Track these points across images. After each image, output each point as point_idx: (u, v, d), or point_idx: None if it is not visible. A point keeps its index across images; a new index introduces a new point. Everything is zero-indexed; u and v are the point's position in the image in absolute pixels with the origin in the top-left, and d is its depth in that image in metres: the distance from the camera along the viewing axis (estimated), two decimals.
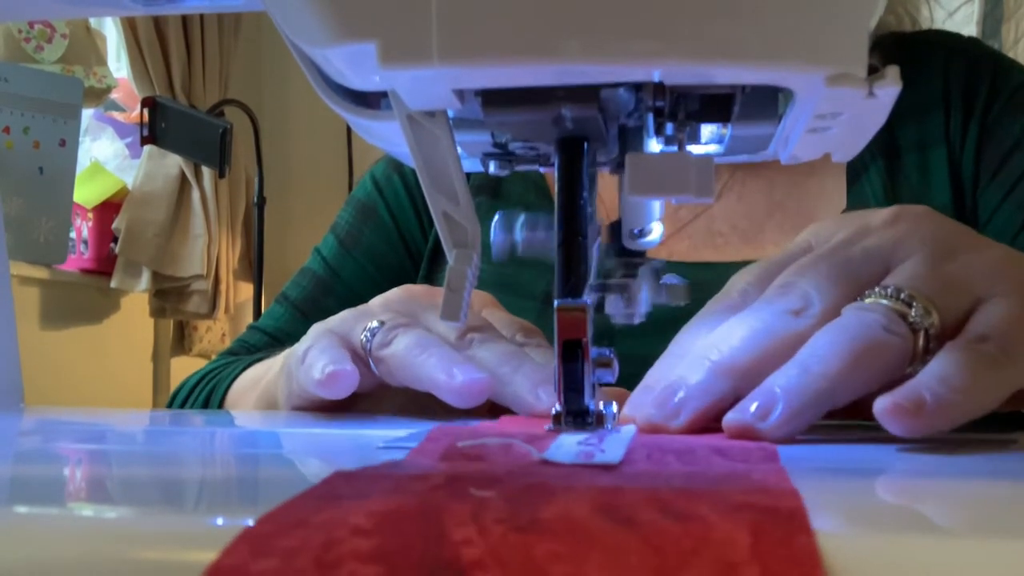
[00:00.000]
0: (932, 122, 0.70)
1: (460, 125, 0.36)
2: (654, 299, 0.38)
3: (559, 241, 0.35)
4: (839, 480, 0.28)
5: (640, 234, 0.38)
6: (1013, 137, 0.69)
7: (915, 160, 0.70)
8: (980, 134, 0.70)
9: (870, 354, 0.36)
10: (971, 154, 0.70)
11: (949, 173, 0.69)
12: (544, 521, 0.19)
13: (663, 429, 0.37)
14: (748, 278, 0.43)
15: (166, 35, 2.43)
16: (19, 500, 0.23)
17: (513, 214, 0.37)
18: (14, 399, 0.54)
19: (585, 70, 0.30)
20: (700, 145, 0.38)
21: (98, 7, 0.50)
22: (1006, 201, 0.68)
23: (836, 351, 0.36)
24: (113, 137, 2.56)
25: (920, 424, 0.33)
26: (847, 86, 0.29)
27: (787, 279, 0.41)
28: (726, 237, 0.72)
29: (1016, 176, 0.68)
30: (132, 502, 0.24)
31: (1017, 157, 0.69)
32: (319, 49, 0.30)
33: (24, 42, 2.14)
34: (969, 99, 0.71)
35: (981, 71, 0.71)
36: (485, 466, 0.27)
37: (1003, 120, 0.70)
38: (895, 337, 0.36)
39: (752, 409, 0.35)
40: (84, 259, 2.37)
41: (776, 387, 0.35)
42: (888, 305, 0.37)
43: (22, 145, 2.06)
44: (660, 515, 0.19)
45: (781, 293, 0.40)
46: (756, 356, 0.37)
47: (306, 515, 0.19)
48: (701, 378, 0.37)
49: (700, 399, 0.37)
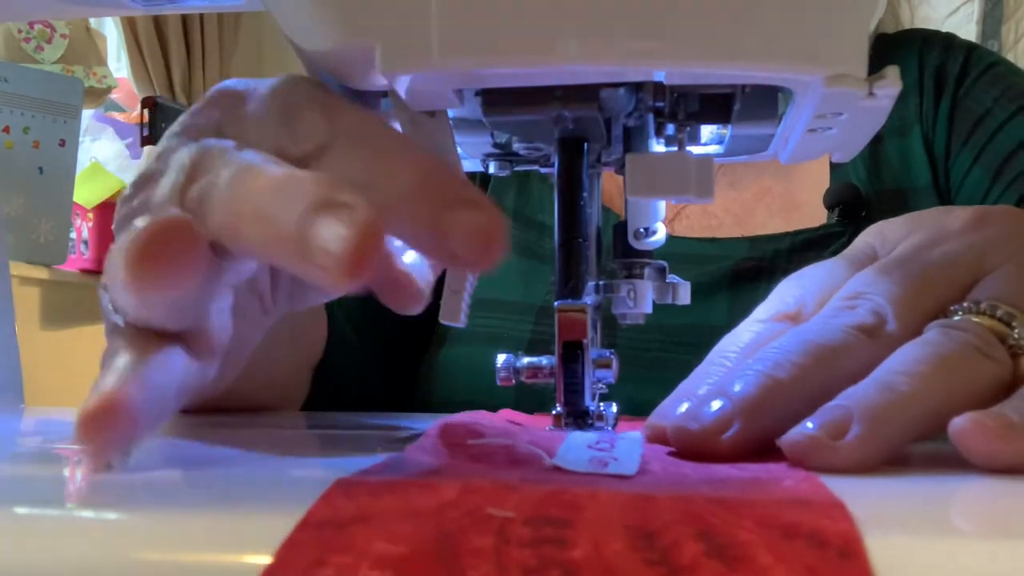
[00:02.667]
0: (908, 108, 0.72)
1: (460, 125, 0.36)
2: (660, 299, 0.38)
3: (559, 242, 0.35)
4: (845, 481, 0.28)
5: (645, 233, 0.38)
6: (984, 105, 0.70)
7: (896, 145, 0.72)
8: (951, 109, 0.71)
9: (963, 380, 0.30)
10: (943, 129, 0.71)
11: (926, 153, 0.71)
12: (574, 564, 0.17)
13: (699, 445, 0.30)
14: (805, 283, 0.37)
15: (166, 35, 2.43)
16: (19, 500, 0.23)
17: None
18: (14, 399, 0.54)
19: (585, 70, 0.30)
20: (700, 145, 0.38)
21: (98, 7, 0.50)
22: (975, 164, 0.69)
23: (923, 371, 0.29)
24: (113, 137, 2.56)
25: (1006, 449, 0.27)
26: (847, 86, 0.29)
27: (855, 289, 0.34)
28: (720, 219, 0.74)
29: (986, 138, 0.69)
30: (132, 502, 0.24)
31: (987, 122, 0.69)
32: (319, 49, 0.30)
33: (24, 42, 2.14)
34: (940, 80, 0.72)
35: (954, 55, 0.73)
36: (496, 472, 0.25)
37: (974, 92, 0.71)
38: (991, 362, 0.30)
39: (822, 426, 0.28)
40: (84, 259, 2.37)
41: (851, 405, 0.29)
42: (982, 323, 0.31)
43: (22, 145, 2.06)
44: (703, 549, 0.17)
45: (848, 306, 0.33)
46: (822, 379, 0.31)
47: (320, 553, 0.18)
48: (754, 393, 0.31)
49: (752, 419, 0.30)
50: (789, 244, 0.69)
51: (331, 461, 0.32)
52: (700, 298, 0.67)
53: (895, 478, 0.28)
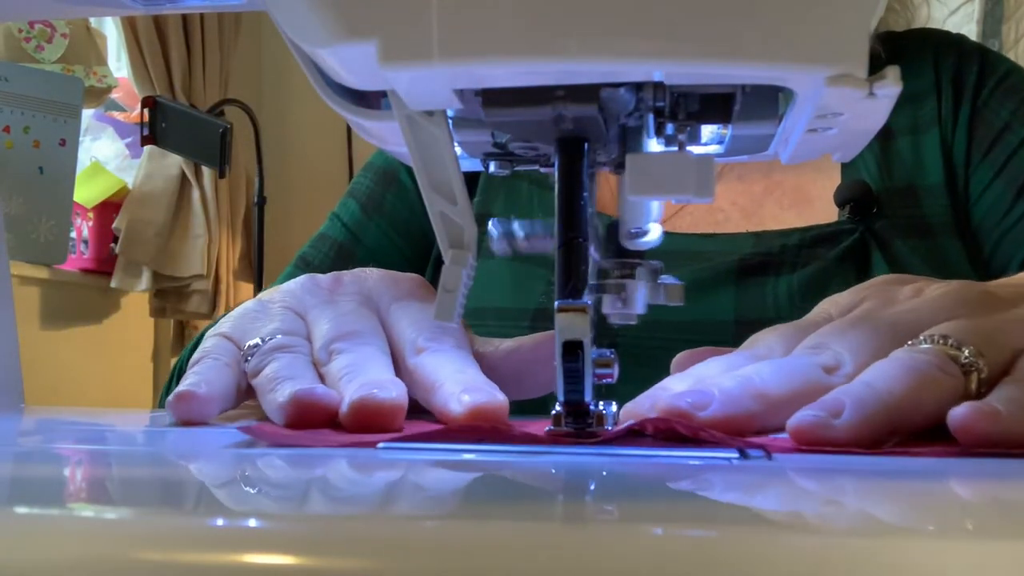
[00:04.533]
0: (925, 108, 0.73)
1: (460, 125, 0.36)
2: (652, 299, 0.38)
3: (559, 241, 0.35)
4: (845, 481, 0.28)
5: (638, 234, 0.38)
6: (1003, 119, 0.72)
7: (908, 143, 0.72)
8: (971, 116, 0.72)
9: (927, 386, 0.36)
10: (963, 136, 0.72)
11: (942, 155, 0.72)
12: None
13: (687, 416, 0.36)
14: (773, 336, 0.43)
15: (166, 35, 2.43)
16: (19, 500, 0.23)
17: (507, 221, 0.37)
18: (14, 399, 0.54)
19: (585, 70, 0.30)
20: (700, 145, 0.38)
21: (98, 7, 0.50)
22: (997, 179, 0.70)
23: (895, 375, 0.36)
24: (113, 137, 2.56)
25: (996, 430, 0.33)
26: (847, 86, 0.29)
27: (817, 340, 0.40)
28: (727, 213, 0.74)
29: (1006, 155, 0.71)
30: (132, 502, 0.24)
31: (1007, 137, 0.71)
32: (319, 49, 0.30)
33: (24, 42, 2.14)
34: (959, 86, 0.73)
35: (970, 61, 0.74)
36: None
37: (992, 104, 0.72)
38: (948, 376, 0.36)
39: (823, 409, 0.34)
40: (84, 259, 2.37)
41: (842, 396, 0.35)
42: (938, 347, 0.37)
43: (22, 145, 2.06)
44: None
45: (812, 352, 0.40)
46: (789, 392, 0.37)
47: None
48: (734, 387, 0.37)
49: (729, 406, 0.37)
50: (798, 240, 0.69)
51: (331, 460, 0.32)
52: (704, 293, 0.67)
53: (895, 478, 0.28)
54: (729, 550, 0.18)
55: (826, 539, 0.19)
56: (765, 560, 0.18)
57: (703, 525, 0.20)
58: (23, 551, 0.19)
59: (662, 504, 0.23)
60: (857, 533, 0.20)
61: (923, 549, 0.18)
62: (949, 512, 0.24)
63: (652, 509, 0.22)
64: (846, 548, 0.18)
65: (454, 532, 0.19)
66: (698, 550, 0.18)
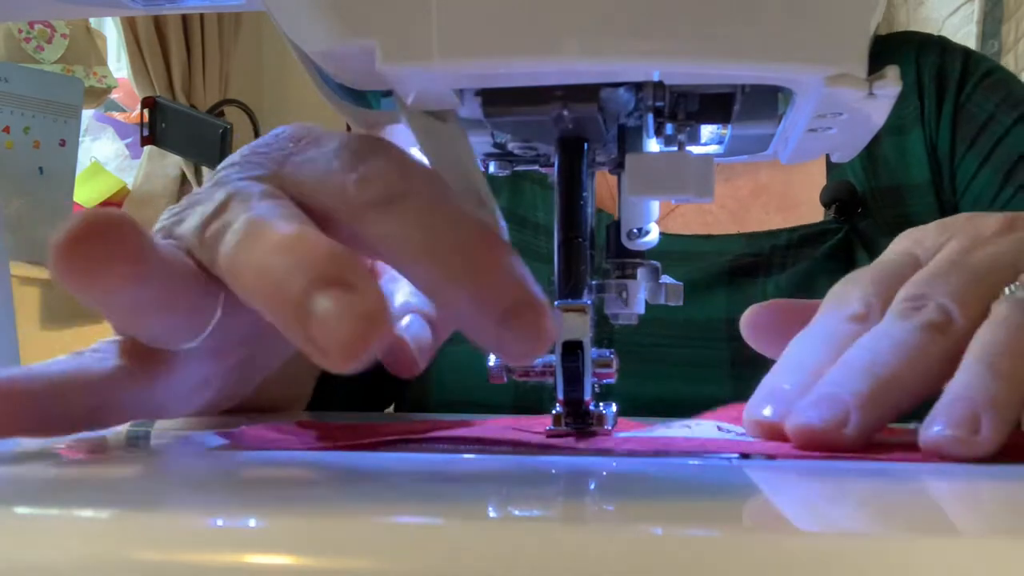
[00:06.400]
0: (907, 108, 0.73)
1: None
2: (652, 299, 0.38)
3: (559, 241, 0.35)
4: (847, 481, 0.28)
5: (639, 234, 0.38)
6: (987, 111, 0.72)
7: (893, 144, 0.73)
8: (954, 113, 0.73)
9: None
10: (947, 132, 0.72)
11: (927, 153, 0.72)
12: None
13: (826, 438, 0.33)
14: (860, 289, 0.39)
15: (166, 35, 2.43)
16: (19, 500, 0.23)
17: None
18: None
19: (585, 69, 0.30)
20: (700, 145, 0.38)
21: (98, 7, 0.50)
22: (983, 168, 0.71)
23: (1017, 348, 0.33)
24: (113, 137, 2.56)
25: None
26: (847, 86, 0.29)
27: (915, 291, 0.37)
28: (716, 215, 0.75)
29: (992, 143, 0.71)
30: (132, 502, 0.24)
31: (992, 127, 0.71)
32: (319, 49, 0.30)
33: (24, 42, 2.14)
34: (942, 83, 0.74)
35: (953, 58, 0.75)
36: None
37: (975, 98, 0.73)
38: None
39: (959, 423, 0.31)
40: None
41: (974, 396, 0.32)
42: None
43: (22, 145, 2.06)
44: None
45: (915, 307, 0.36)
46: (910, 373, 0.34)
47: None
48: (864, 387, 0.33)
49: (871, 410, 0.33)
50: (786, 240, 0.70)
51: (331, 461, 0.32)
52: (697, 294, 0.68)
53: (897, 479, 0.28)
54: (729, 550, 0.18)
55: (827, 540, 0.19)
56: (765, 560, 0.18)
57: (703, 525, 0.20)
58: (23, 551, 0.19)
59: (662, 504, 0.23)
60: (859, 534, 0.20)
61: (924, 549, 0.18)
62: (951, 512, 0.24)
63: (652, 509, 0.22)
64: (847, 549, 0.18)
65: (454, 532, 0.19)
66: (698, 550, 0.18)
